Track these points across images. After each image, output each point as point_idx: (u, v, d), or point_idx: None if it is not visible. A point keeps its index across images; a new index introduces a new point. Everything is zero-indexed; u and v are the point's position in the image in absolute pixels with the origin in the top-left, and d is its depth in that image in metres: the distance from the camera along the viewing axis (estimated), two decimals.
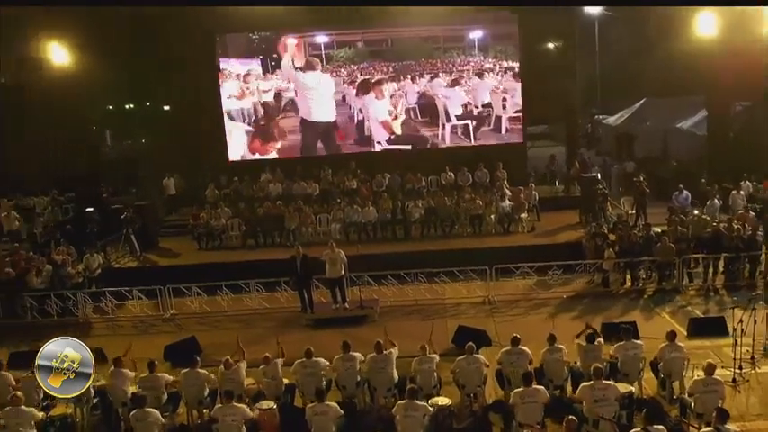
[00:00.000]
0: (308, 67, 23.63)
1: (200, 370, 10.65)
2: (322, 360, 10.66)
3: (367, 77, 23.69)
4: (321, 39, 23.76)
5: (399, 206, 19.95)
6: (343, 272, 15.03)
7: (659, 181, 22.24)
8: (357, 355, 10.76)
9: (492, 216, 19.39)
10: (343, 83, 23.78)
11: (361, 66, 23.67)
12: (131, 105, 40.76)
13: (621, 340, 10.59)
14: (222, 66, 23.70)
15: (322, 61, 23.69)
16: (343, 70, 23.78)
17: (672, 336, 10.50)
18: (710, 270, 16.03)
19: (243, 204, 21.18)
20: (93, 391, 10.73)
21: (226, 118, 23.88)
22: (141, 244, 19.84)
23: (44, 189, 24.75)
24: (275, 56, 23.64)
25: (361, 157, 23.21)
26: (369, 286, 15.98)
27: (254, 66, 23.77)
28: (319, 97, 23.83)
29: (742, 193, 19.58)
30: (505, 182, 20.92)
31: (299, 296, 15.41)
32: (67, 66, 22.74)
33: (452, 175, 21.86)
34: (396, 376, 10.62)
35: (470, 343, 10.61)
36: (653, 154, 27.57)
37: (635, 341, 10.50)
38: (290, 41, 23.62)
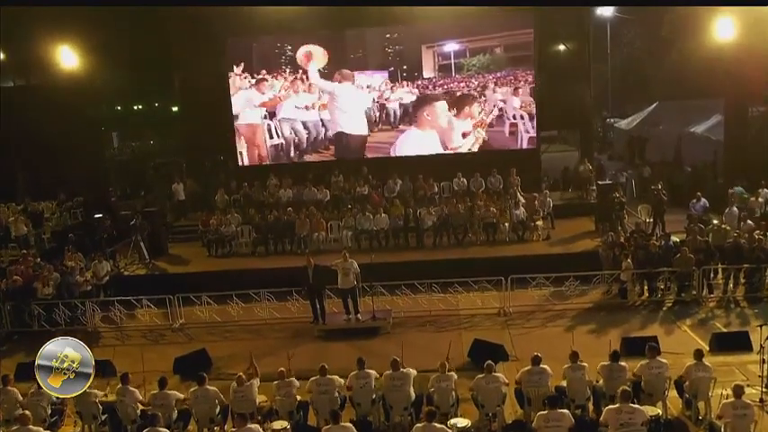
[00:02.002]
0: (344, 78, 22.46)
1: (209, 387, 10.39)
2: (336, 378, 10.38)
3: (464, 93, 21.42)
4: (451, 47, 21.28)
5: (411, 213, 19.56)
6: (355, 282, 14.71)
7: (673, 187, 21.82)
8: (372, 372, 10.49)
9: (506, 224, 19.04)
10: None
11: (498, 75, 21.31)
12: (139, 106, 40.61)
13: (643, 356, 10.28)
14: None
15: (451, 70, 21.68)
16: (474, 81, 21.41)
17: (699, 354, 10.17)
18: (731, 281, 15.67)
19: (253, 210, 20.88)
20: (101, 407, 10.51)
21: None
22: (150, 250, 19.58)
23: (52, 193, 24.52)
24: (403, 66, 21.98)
25: (372, 162, 22.73)
26: (381, 296, 15.66)
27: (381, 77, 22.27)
28: (351, 107, 22.57)
29: (761, 200, 19.19)
30: (519, 188, 20.55)
31: (310, 306, 15.11)
32: (76, 67, 22.52)
33: (465, 181, 21.40)
34: (413, 394, 10.33)
35: (489, 361, 10.28)
36: (666, 159, 27.24)
37: (660, 360, 10.16)
38: (315, 49, 22.06)
